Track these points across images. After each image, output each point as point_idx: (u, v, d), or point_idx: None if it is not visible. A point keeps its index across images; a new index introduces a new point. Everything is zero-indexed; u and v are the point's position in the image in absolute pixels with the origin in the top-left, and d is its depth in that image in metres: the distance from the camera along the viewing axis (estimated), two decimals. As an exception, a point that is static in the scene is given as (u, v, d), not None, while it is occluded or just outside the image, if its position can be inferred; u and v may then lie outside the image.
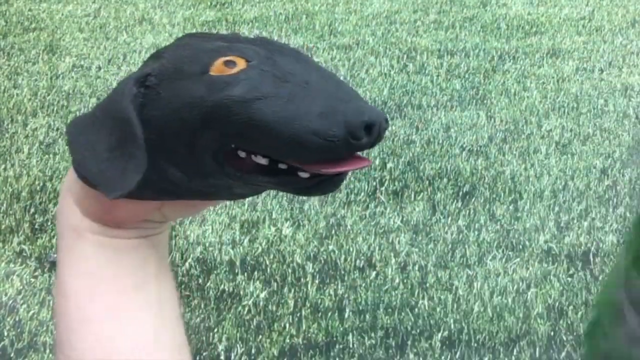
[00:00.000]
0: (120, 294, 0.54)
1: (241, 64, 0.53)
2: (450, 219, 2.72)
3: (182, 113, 0.52)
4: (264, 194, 2.78)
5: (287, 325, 2.21)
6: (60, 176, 3.02)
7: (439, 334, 2.18)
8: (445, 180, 2.96)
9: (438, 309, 2.27)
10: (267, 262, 2.49)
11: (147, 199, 0.55)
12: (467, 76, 4.05)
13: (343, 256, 2.51)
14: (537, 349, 2.13)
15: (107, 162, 0.52)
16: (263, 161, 0.53)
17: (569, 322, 2.22)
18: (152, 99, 0.54)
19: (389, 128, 0.60)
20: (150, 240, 0.57)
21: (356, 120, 0.51)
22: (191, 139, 0.52)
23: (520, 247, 2.57)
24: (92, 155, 0.53)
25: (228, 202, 2.62)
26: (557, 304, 2.29)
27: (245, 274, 2.41)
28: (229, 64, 0.53)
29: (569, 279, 2.40)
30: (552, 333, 2.18)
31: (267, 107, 0.51)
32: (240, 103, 0.51)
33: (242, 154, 0.53)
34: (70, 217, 0.56)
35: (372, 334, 2.18)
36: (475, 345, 2.15)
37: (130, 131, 0.52)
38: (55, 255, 2.56)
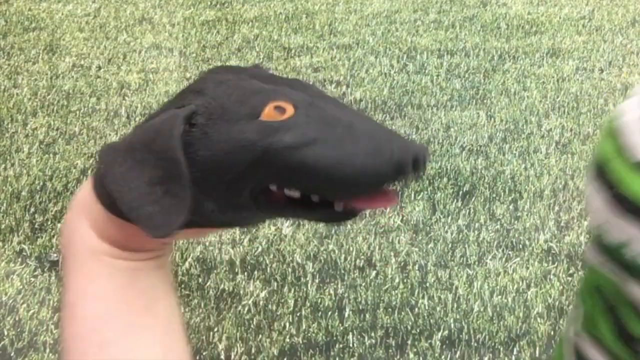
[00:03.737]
0: (133, 315, 0.55)
1: (289, 110, 0.56)
2: (450, 218, 2.72)
3: (233, 156, 0.54)
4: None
5: (287, 324, 2.21)
6: (60, 176, 3.02)
7: (439, 334, 2.18)
8: (445, 179, 2.96)
9: (438, 309, 2.27)
10: (267, 262, 2.49)
11: (192, 227, 0.59)
12: (467, 76, 4.05)
13: (343, 255, 2.51)
14: (537, 349, 2.13)
15: (148, 199, 0.52)
16: (296, 194, 0.55)
17: (569, 321, 2.22)
18: (199, 138, 0.55)
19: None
20: (160, 260, 0.58)
21: (405, 157, 0.55)
22: (236, 179, 0.54)
23: (520, 246, 2.57)
24: (130, 190, 0.53)
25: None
26: (557, 303, 2.29)
27: (245, 274, 2.42)
28: (279, 109, 0.56)
29: (569, 279, 2.40)
30: (552, 332, 2.18)
31: (318, 151, 0.54)
32: (290, 149, 0.54)
33: (274, 188, 0.56)
34: (85, 239, 0.56)
35: (372, 334, 2.18)
36: (475, 344, 2.15)
37: (177, 171, 0.53)
38: (55, 255, 2.57)
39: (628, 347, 0.54)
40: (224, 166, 0.54)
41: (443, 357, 2.11)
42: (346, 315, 2.26)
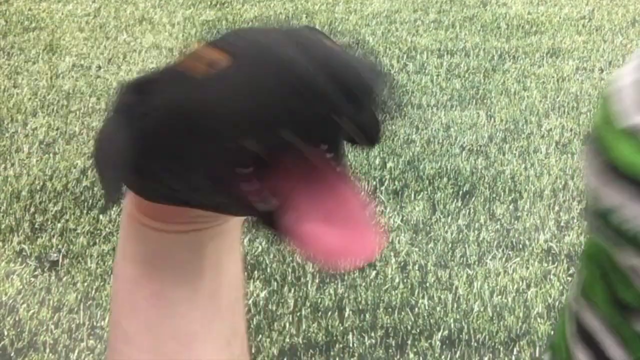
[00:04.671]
0: (169, 284, 0.54)
1: (224, 60, 0.47)
2: (450, 218, 2.72)
3: (168, 120, 0.48)
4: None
5: (287, 324, 2.22)
6: (60, 176, 3.02)
7: (439, 334, 2.18)
8: (445, 179, 2.96)
9: (438, 309, 2.28)
10: (267, 262, 2.49)
11: (165, 203, 0.53)
12: (467, 76, 4.05)
13: (343, 256, 2.51)
14: (537, 349, 2.13)
15: (106, 170, 0.50)
16: (256, 186, 0.45)
17: (569, 321, 2.22)
18: (149, 106, 0.50)
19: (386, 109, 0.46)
20: (211, 231, 0.55)
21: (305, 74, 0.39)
22: (183, 149, 0.48)
23: (520, 246, 2.57)
24: (98, 161, 0.51)
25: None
26: (557, 303, 2.29)
27: (246, 274, 2.42)
28: (212, 62, 0.47)
29: (569, 279, 2.40)
30: (552, 332, 2.18)
31: (236, 99, 0.44)
32: (212, 102, 0.45)
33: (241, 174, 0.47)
34: (127, 204, 0.57)
35: (372, 334, 2.19)
36: (475, 344, 2.15)
37: (116, 141, 0.49)
38: (55, 255, 2.57)
39: (620, 313, 0.55)
40: (162, 135, 0.48)
41: (443, 357, 2.11)
42: (346, 315, 2.26)
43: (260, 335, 2.17)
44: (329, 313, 2.26)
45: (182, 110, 0.47)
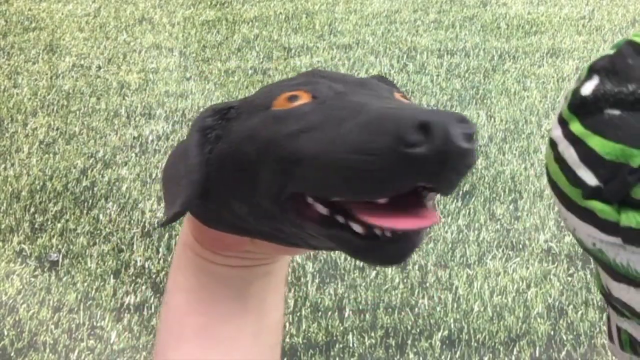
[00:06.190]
0: (214, 319, 0.55)
1: (304, 98, 0.49)
2: (450, 218, 2.72)
3: (242, 147, 0.49)
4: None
5: (287, 324, 2.21)
6: (60, 176, 3.02)
7: (439, 334, 2.18)
8: (445, 179, 2.96)
9: (438, 309, 2.28)
10: (267, 262, 2.48)
11: (225, 231, 0.54)
12: (467, 76, 4.05)
13: (343, 255, 2.51)
14: (537, 349, 2.13)
15: (172, 188, 0.51)
16: (323, 210, 0.46)
17: (569, 321, 2.22)
18: (226, 132, 0.52)
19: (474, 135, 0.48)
20: (258, 270, 0.57)
21: (407, 121, 0.41)
22: (252, 176, 0.49)
23: (520, 246, 2.57)
24: (166, 177, 0.53)
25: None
26: (557, 303, 2.29)
27: (245, 274, 2.42)
28: (292, 98, 0.49)
29: (569, 279, 2.40)
30: (552, 332, 2.18)
31: (311, 137, 0.45)
32: (287, 137, 0.46)
33: (310, 201, 0.47)
34: (183, 233, 0.58)
35: (372, 334, 2.19)
36: (475, 344, 2.15)
37: (187, 160, 0.51)
38: (55, 255, 2.57)
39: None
40: (235, 160, 0.50)
41: (443, 357, 2.11)
42: (346, 315, 2.26)
43: (260, 335, 2.17)
44: (329, 313, 2.26)
45: (260, 138, 0.48)
